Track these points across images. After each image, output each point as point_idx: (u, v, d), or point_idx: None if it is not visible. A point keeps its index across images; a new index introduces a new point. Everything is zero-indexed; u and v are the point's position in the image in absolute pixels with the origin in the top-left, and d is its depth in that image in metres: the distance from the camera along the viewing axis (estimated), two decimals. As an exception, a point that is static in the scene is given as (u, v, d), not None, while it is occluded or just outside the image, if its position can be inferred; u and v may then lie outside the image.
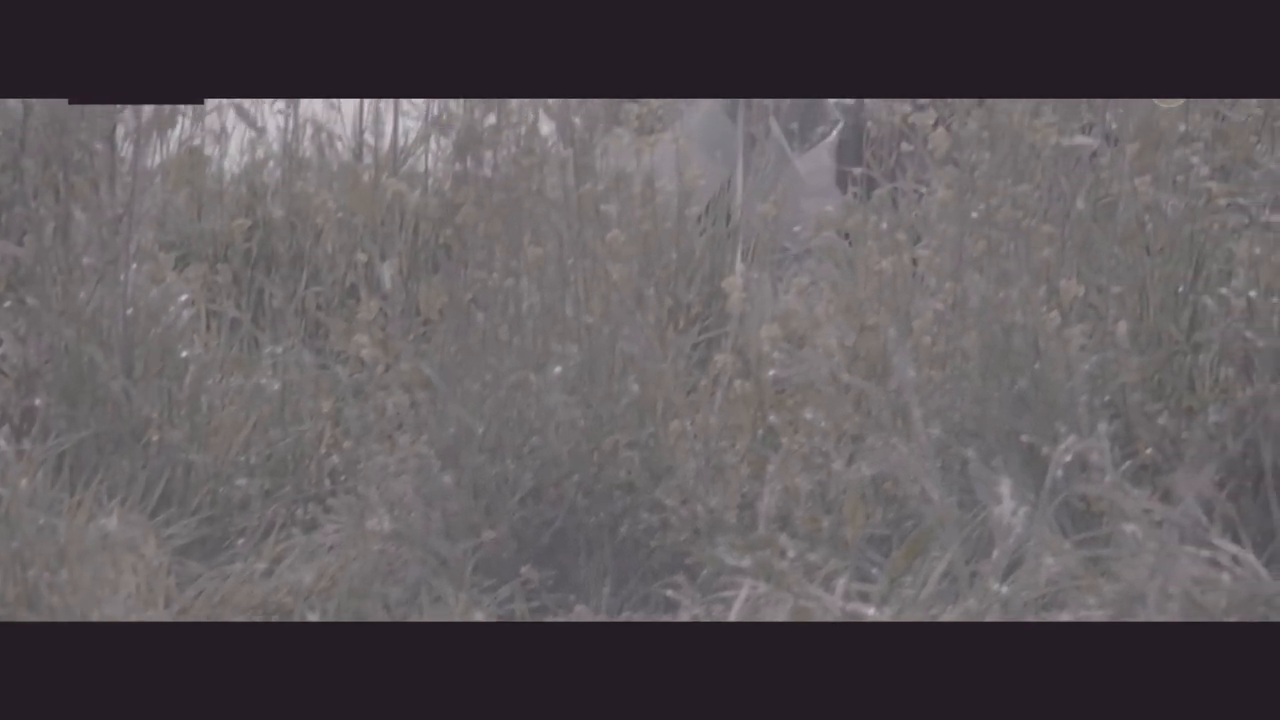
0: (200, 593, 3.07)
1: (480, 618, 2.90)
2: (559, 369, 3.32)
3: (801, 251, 4.51)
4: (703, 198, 4.43)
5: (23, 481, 3.00)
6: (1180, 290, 3.27)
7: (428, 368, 3.33)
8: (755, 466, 3.24)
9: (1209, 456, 3.01)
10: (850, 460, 3.14)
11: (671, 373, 3.32)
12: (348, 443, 3.43)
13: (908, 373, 3.02)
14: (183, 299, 3.67)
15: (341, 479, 3.45)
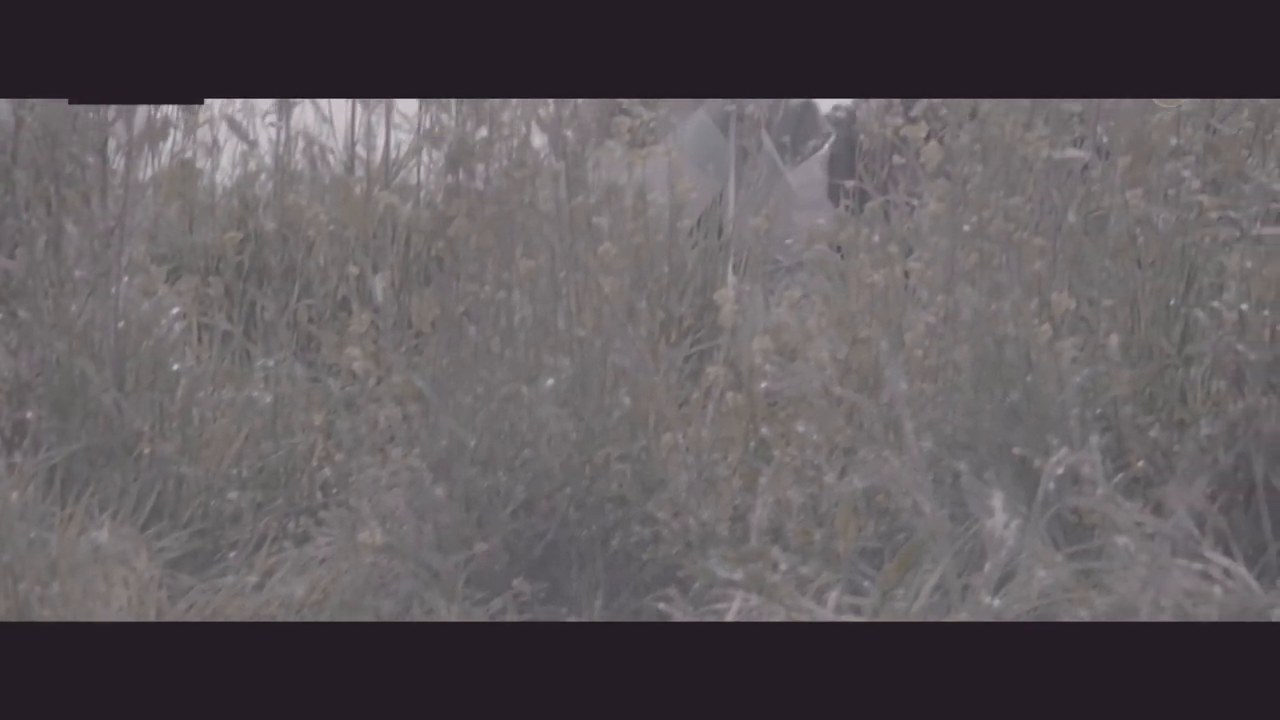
0: (191, 606, 3.07)
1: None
2: (551, 382, 3.32)
3: (793, 264, 4.52)
4: (695, 211, 4.43)
5: (14, 494, 2.99)
6: (1172, 303, 3.28)
7: (420, 380, 3.33)
8: (747, 479, 3.24)
9: (1201, 469, 3.02)
10: (842, 473, 3.14)
11: (663, 385, 3.32)
12: (339, 455, 3.43)
13: (900, 385, 3.03)
14: (174, 312, 3.67)
15: (333, 492, 3.45)
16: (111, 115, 3.62)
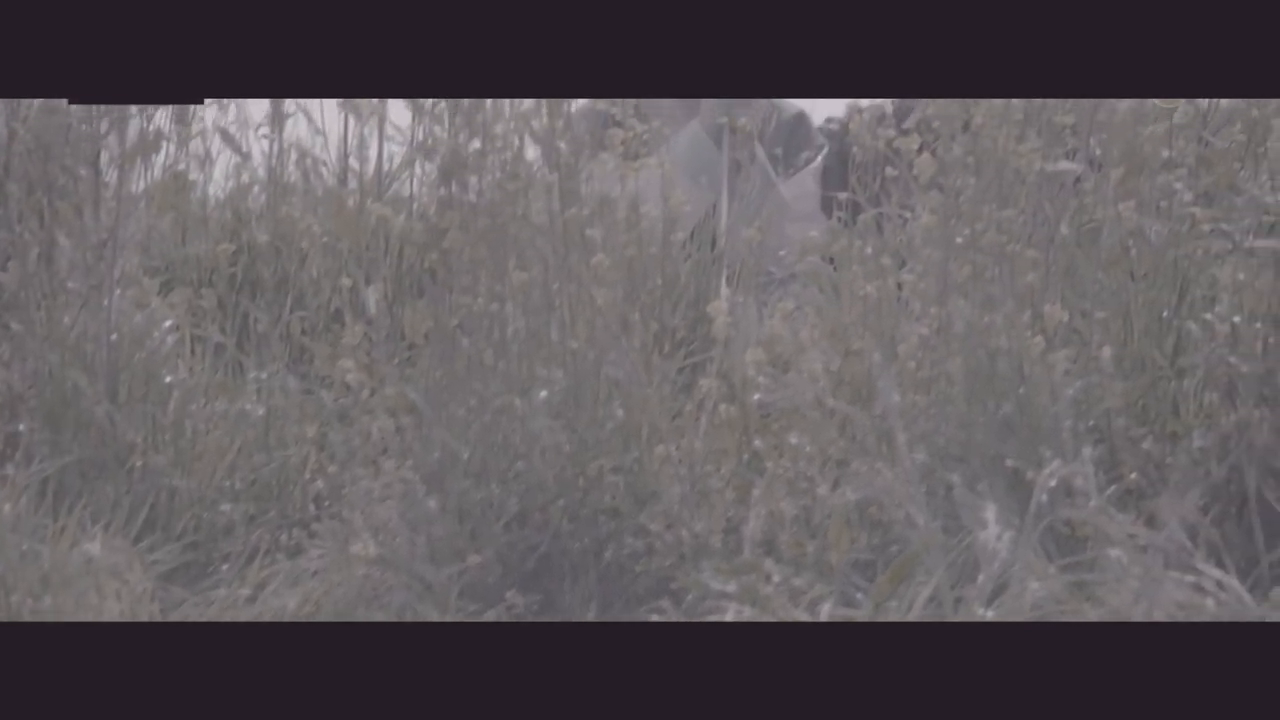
0: (184, 619, 3.06)
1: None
2: (544, 394, 3.32)
3: (786, 276, 4.52)
4: (688, 223, 4.43)
5: (6, 507, 2.99)
6: (1164, 315, 3.27)
7: (413, 392, 3.33)
8: (740, 491, 3.24)
9: (1193, 481, 3.02)
10: (835, 485, 3.14)
11: (656, 397, 3.32)
12: (332, 468, 3.43)
13: (892, 397, 3.02)
14: (167, 324, 3.66)
15: (326, 504, 3.44)
16: (104, 127, 3.61)
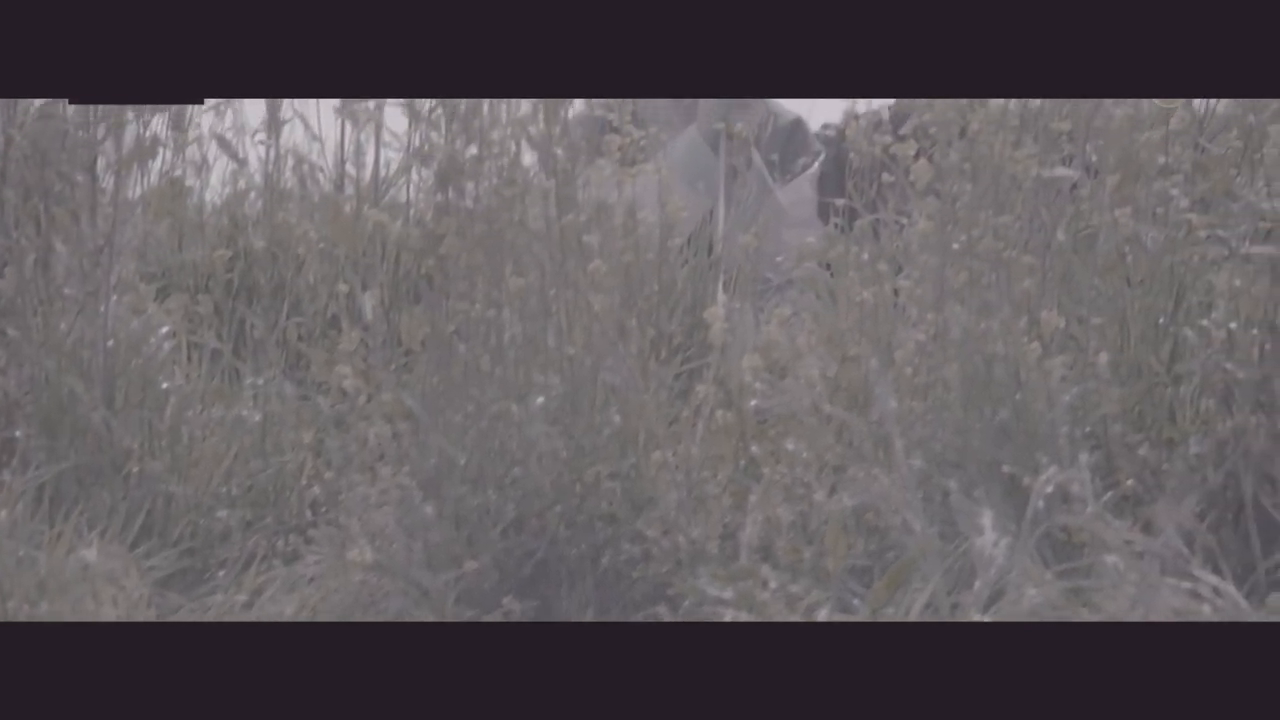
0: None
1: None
2: (541, 400, 3.32)
3: (783, 282, 4.52)
4: (685, 229, 4.43)
5: (2, 513, 2.99)
6: (1161, 322, 3.28)
7: (409, 398, 3.33)
8: (737, 497, 3.24)
9: (1190, 488, 3.02)
10: (832, 491, 3.14)
11: (653, 403, 3.32)
12: (329, 474, 3.42)
13: (889, 404, 3.03)
14: (164, 330, 3.66)
15: (323, 510, 3.44)
16: (101, 133, 3.61)
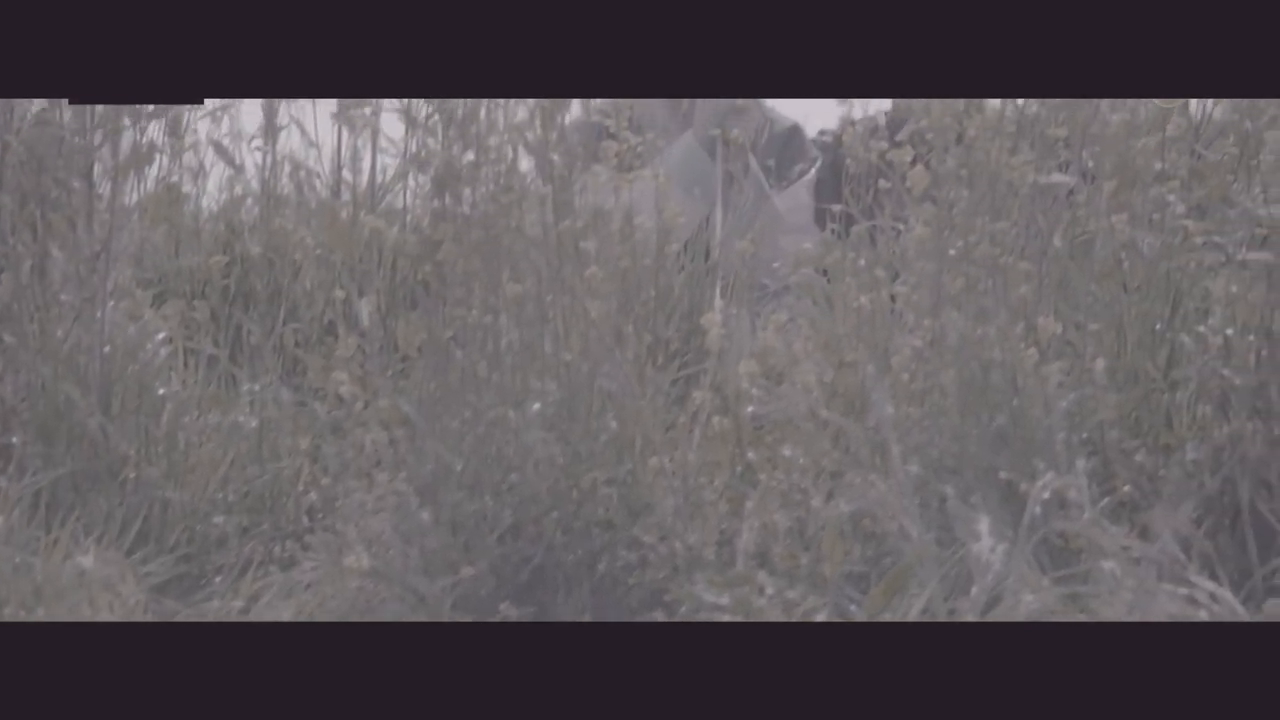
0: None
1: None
2: (538, 406, 3.32)
3: (780, 288, 4.52)
4: (682, 235, 4.44)
5: (-1, 519, 2.99)
6: (1157, 328, 3.28)
7: (406, 405, 3.33)
8: (733, 503, 3.24)
9: (1186, 494, 3.02)
10: (828, 497, 3.14)
11: (650, 409, 3.32)
12: (325, 480, 3.42)
13: (886, 409, 3.03)
14: (160, 336, 3.66)
15: (319, 516, 3.44)
16: (98, 140, 3.62)
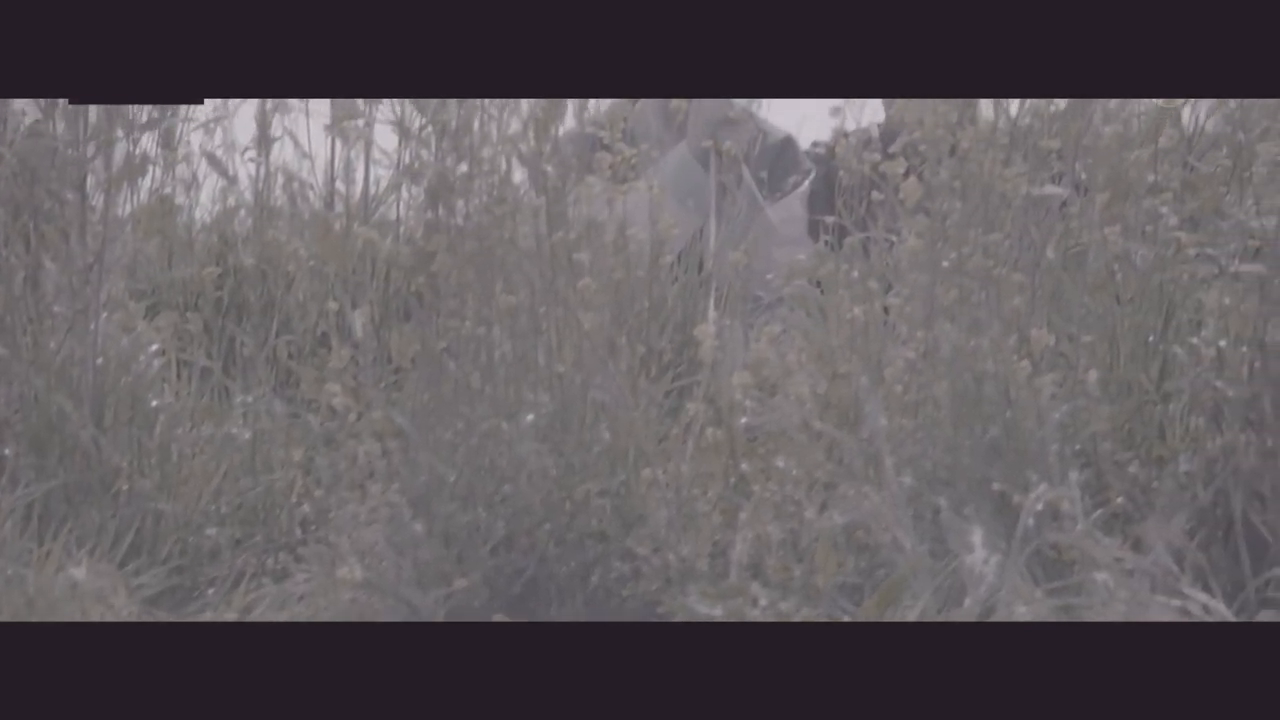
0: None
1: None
2: (531, 417, 3.31)
3: (773, 300, 4.52)
4: (675, 246, 4.44)
5: (-9, 531, 2.99)
6: (1150, 340, 3.28)
7: (399, 416, 3.33)
8: (727, 515, 3.24)
9: (1179, 505, 3.02)
10: (822, 508, 3.14)
11: (643, 421, 3.32)
12: (319, 491, 3.42)
13: (879, 421, 3.03)
14: (153, 348, 3.66)
15: (312, 528, 3.44)
16: (90, 151, 3.61)
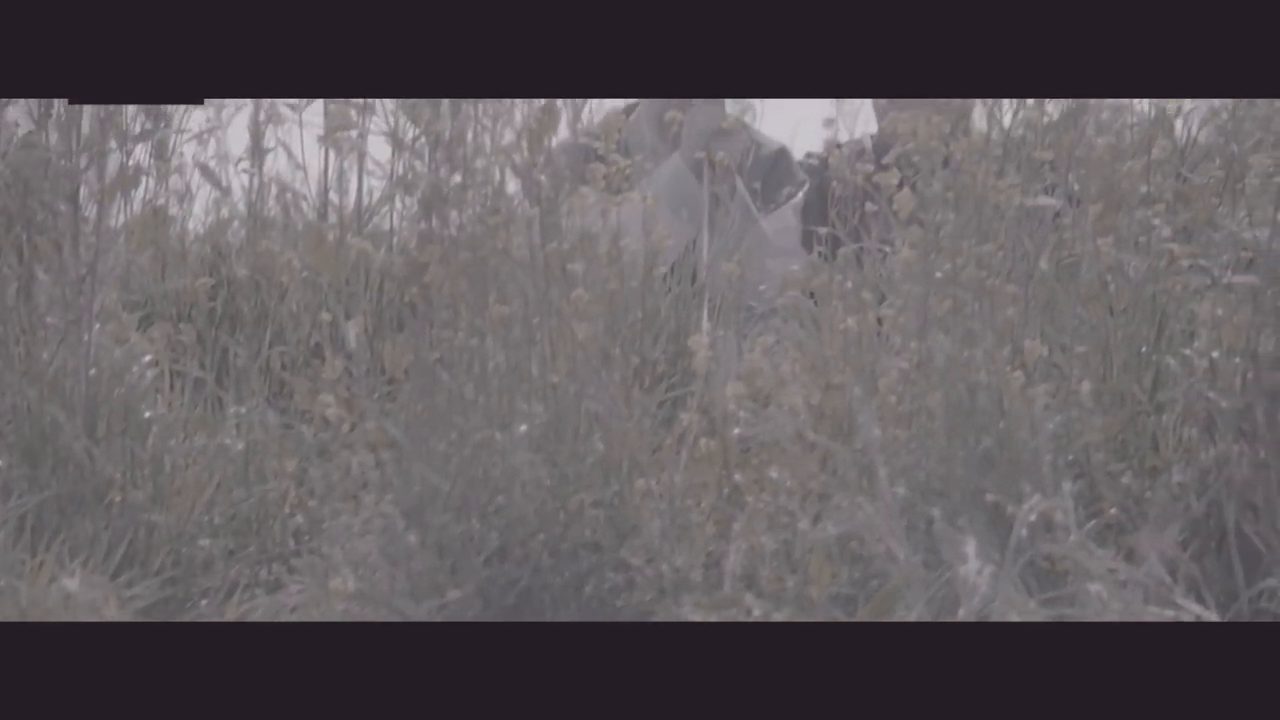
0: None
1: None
2: (524, 428, 3.31)
3: (767, 310, 4.52)
4: (669, 257, 4.44)
5: (-17, 542, 2.98)
6: (1143, 351, 3.29)
7: (393, 427, 3.32)
8: (720, 525, 3.24)
9: (1172, 516, 3.02)
10: (816, 519, 3.14)
11: (637, 431, 3.32)
12: (312, 502, 3.42)
13: (873, 432, 3.03)
14: (146, 359, 3.65)
15: (305, 539, 3.43)
16: (83, 162, 3.61)
